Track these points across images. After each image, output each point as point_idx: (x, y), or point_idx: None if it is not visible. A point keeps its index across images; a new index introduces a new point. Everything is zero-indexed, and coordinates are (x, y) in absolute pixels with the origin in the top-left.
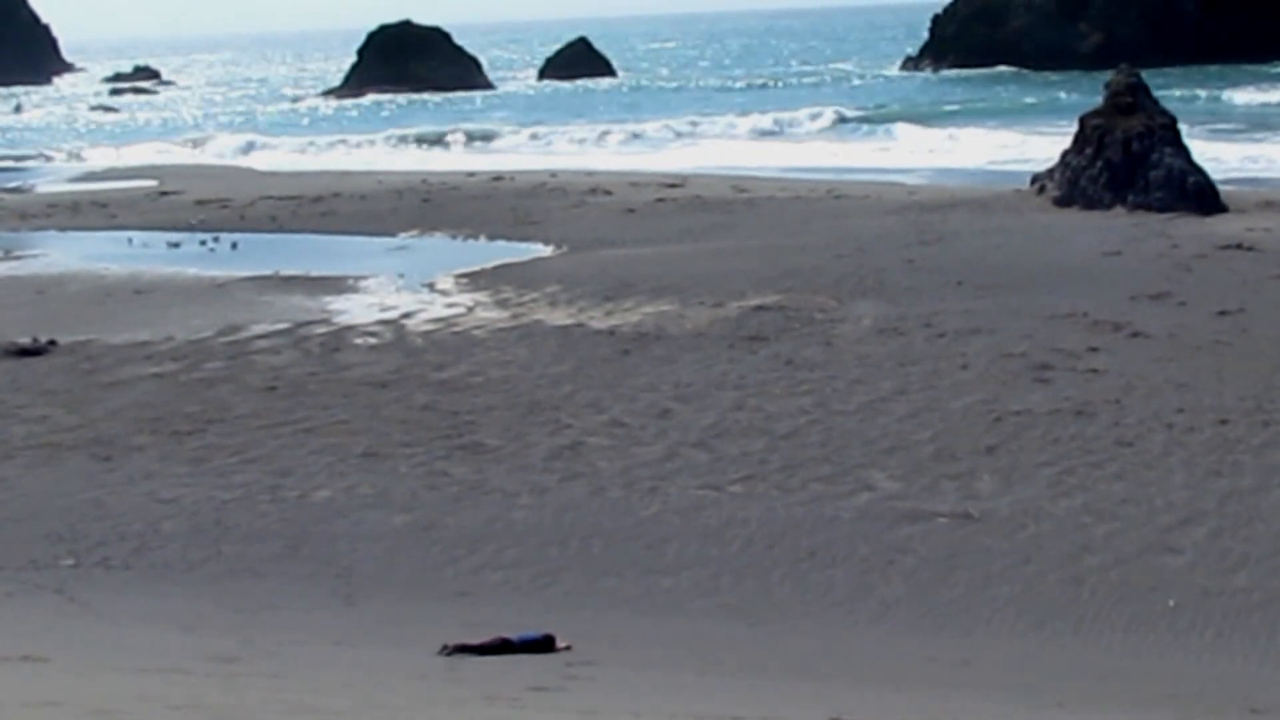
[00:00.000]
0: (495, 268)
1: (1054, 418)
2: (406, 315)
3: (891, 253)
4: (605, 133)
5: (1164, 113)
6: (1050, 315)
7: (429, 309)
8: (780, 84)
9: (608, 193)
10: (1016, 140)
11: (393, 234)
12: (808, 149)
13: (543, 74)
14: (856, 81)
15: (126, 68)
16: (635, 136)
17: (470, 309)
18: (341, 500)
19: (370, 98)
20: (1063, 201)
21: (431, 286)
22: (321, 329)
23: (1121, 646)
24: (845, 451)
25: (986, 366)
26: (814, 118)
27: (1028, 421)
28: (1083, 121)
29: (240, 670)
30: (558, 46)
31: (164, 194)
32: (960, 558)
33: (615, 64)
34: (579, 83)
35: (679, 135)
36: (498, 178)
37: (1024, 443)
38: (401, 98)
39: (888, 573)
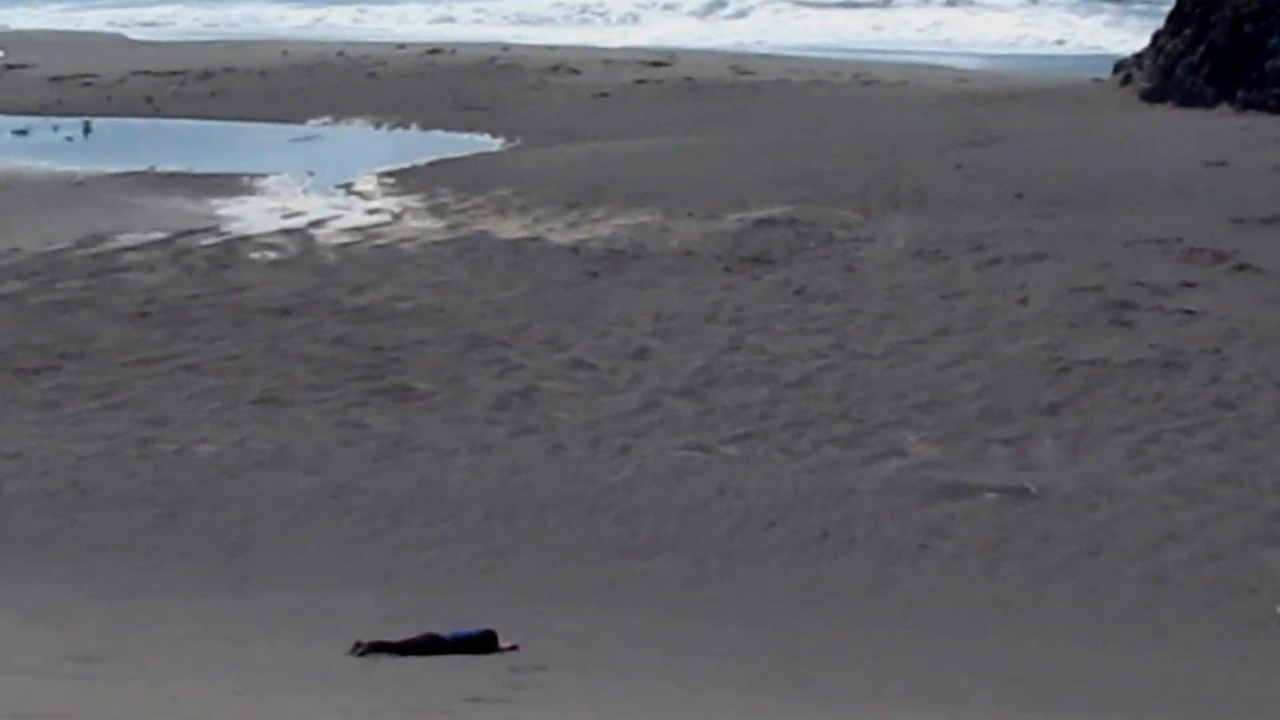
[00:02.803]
0: (430, 165)
1: (1135, 370)
2: (316, 224)
3: (933, 156)
4: None
5: None
6: (1133, 240)
7: (344, 216)
8: None
9: (574, 71)
10: (1093, 19)
11: (300, 121)
12: (830, 20)
13: None
14: None
15: None
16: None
17: (397, 217)
18: (231, 457)
19: None
20: (1153, 96)
21: (348, 188)
22: (208, 240)
23: (1215, 663)
24: (869, 406)
25: (1051, 303)
26: None
27: (1102, 374)
28: None
29: (103, 672)
30: None
31: (9, 68)
32: (1012, 545)
33: None
34: None
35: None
36: (434, 50)
37: (1096, 401)
38: None
39: (919, 562)
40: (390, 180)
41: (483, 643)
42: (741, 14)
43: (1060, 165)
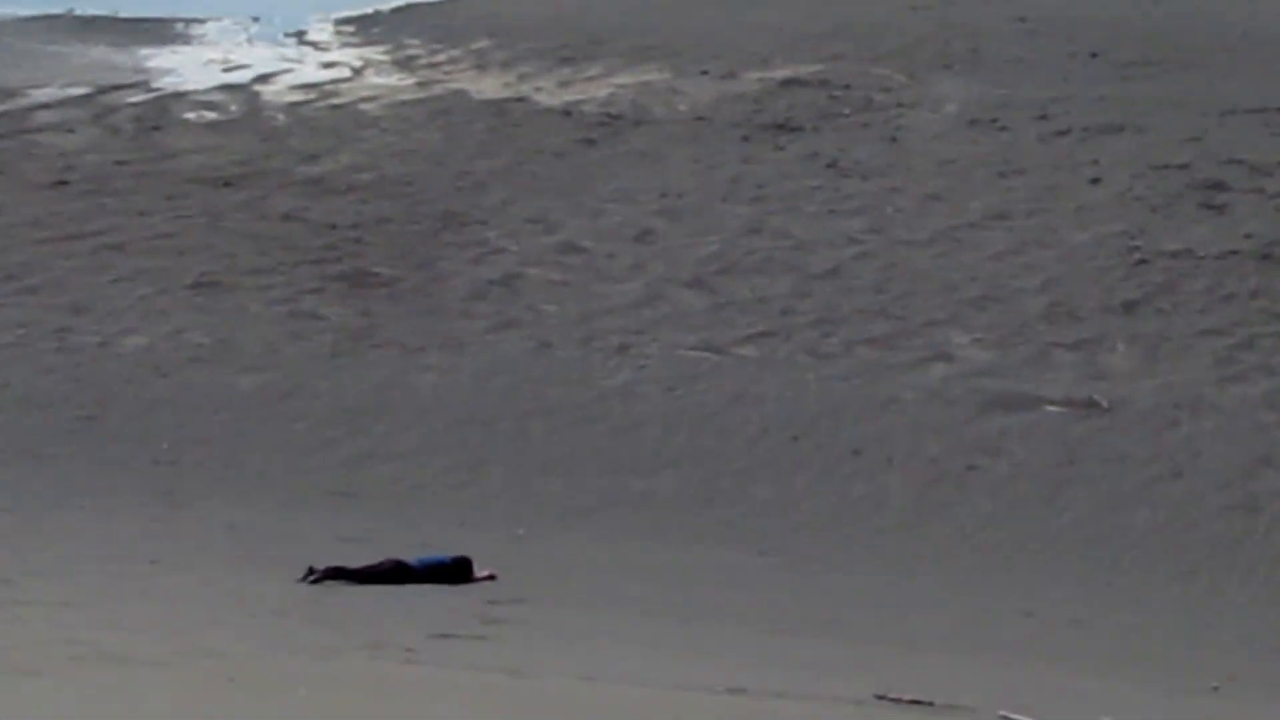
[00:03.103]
0: (396, 11)
1: (1226, 263)
2: (262, 79)
3: (992, 5)
4: None
5: None
6: (1229, 109)
7: (296, 70)
8: None
9: None
10: None
11: None
12: None
13: None
14: None
15: None
16: None
17: (357, 72)
18: (163, 352)
19: None
20: None
21: (300, 37)
22: (136, 97)
23: None
24: (911, 301)
25: (1128, 183)
26: None
27: (1188, 268)
28: None
29: (15, 598)
30: None
31: None
32: (1078, 467)
33: None
34: None
35: None
36: None
37: (1180, 299)
38: None
39: (968, 485)
40: (349, 28)
41: (455, 572)
42: None
43: (1143, 19)
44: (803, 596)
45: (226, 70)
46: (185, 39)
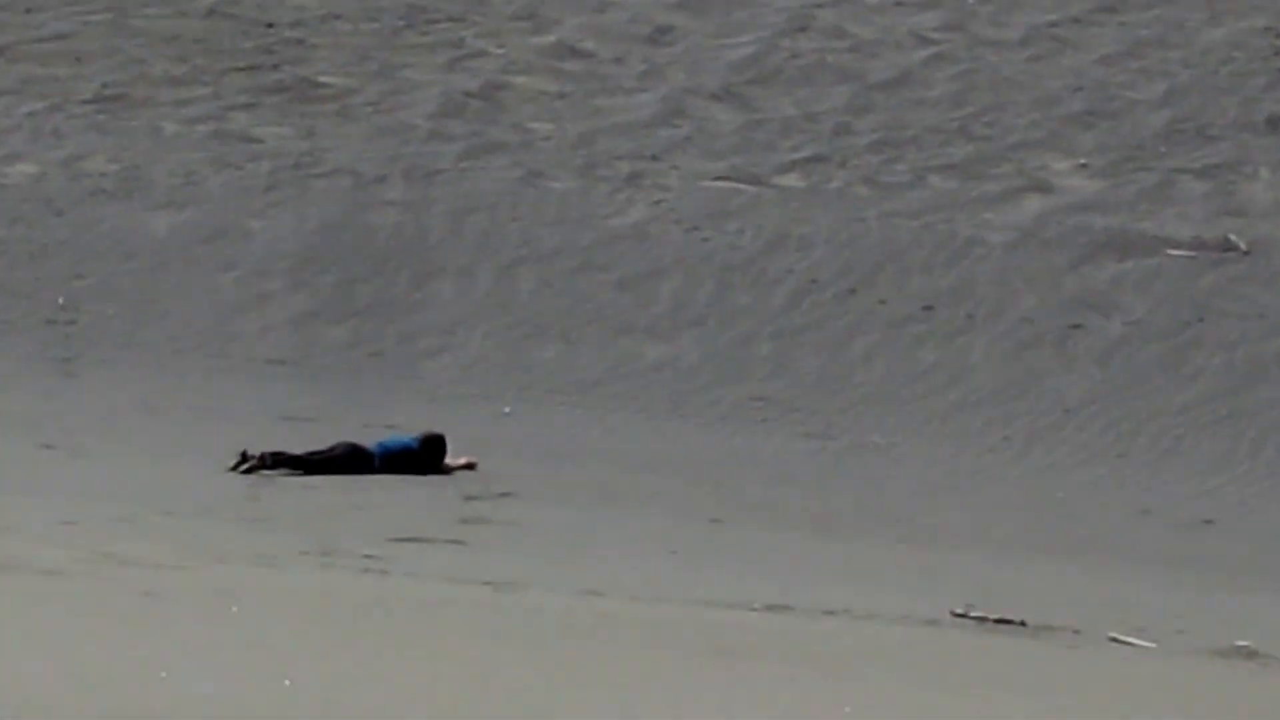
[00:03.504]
0: None
1: None
2: None
3: None
4: None
5: None
6: None
7: None
8: None
9: None
10: None
11: None
12: None
13: None
14: None
15: None
16: None
17: None
18: (58, 183)
19: None
20: None
21: None
22: None
23: None
24: (999, 118)
25: None
26: None
27: None
28: None
29: None
30: None
31: None
32: (1209, 324)
33: None
34: None
35: None
36: None
37: None
38: None
39: (1067, 351)
40: None
41: (424, 457)
42: None
43: None
44: (859, 490)
45: None
46: None
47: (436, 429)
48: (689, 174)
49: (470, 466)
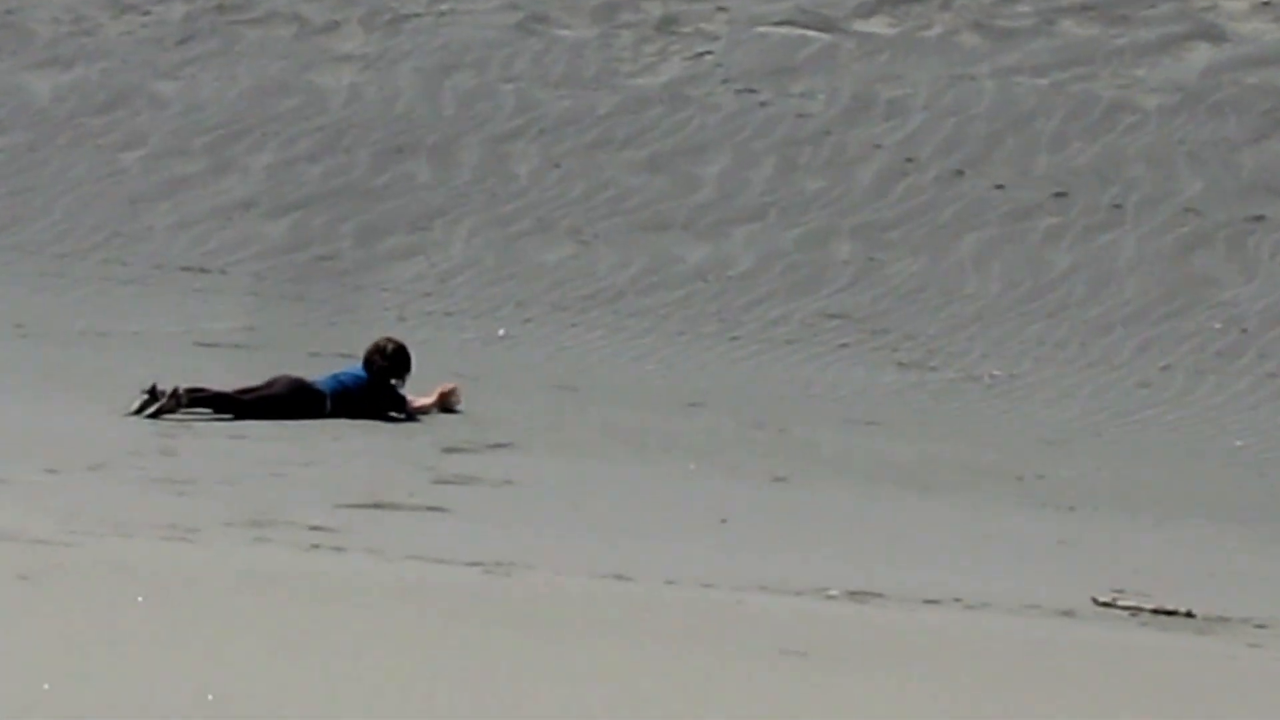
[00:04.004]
0: None
1: None
2: None
3: None
4: None
5: None
6: None
7: None
8: None
9: None
10: None
11: None
12: None
13: None
14: None
15: None
16: None
17: None
18: None
19: None
20: None
21: None
22: None
23: None
24: None
25: None
26: None
27: None
28: None
29: None
30: None
31: None
32: None
33: None
34: None
35: None
36: None
37: None
38: None
39: (1244, 251)
40: None
41: (381, 395)
42: None
43: None
44: (968, 437)
45: None
46: None
47: (404, 363)
48: (741, 17)
49: (447, 399)
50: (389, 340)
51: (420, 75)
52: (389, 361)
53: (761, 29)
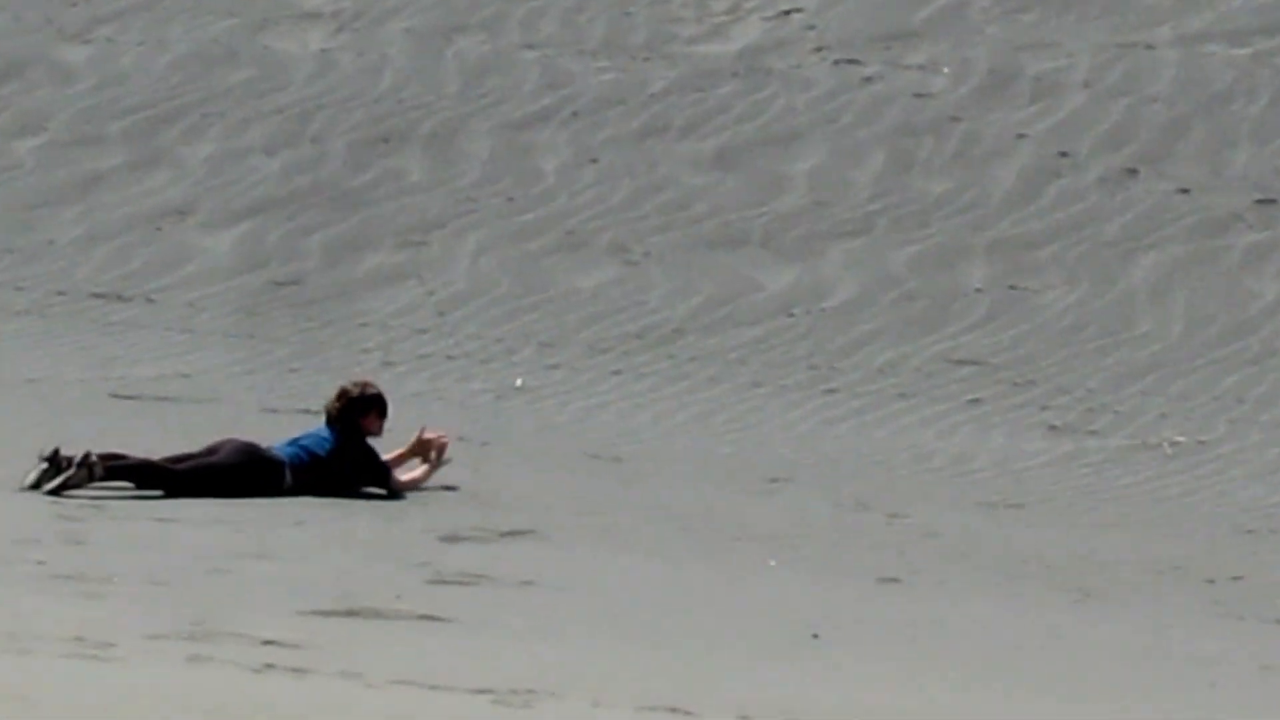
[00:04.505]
0: None
1: None
2: None
3: None
4: None
5: None
6: None
7: None
8: None
9: None
10: None
11: None
12: None
13: None
14: None
15: None
16: None
17: None
18: None
19: None
20: None
21: None
22: None
23: None
24: None
25: None
26: None
27: None
28: None
29: None
30: None
31: None
32: None
33: None
34: None
35: None
36: None
37: None
38: None
39: None
40: None
41: (355, 462)
42: None
43: None
44: (1152, 526)
45: None
46: None
47: (369, 385)
48: None
49: (427, 447)
50: (355, 383)
51: (413, 39)
52: (354, 407)
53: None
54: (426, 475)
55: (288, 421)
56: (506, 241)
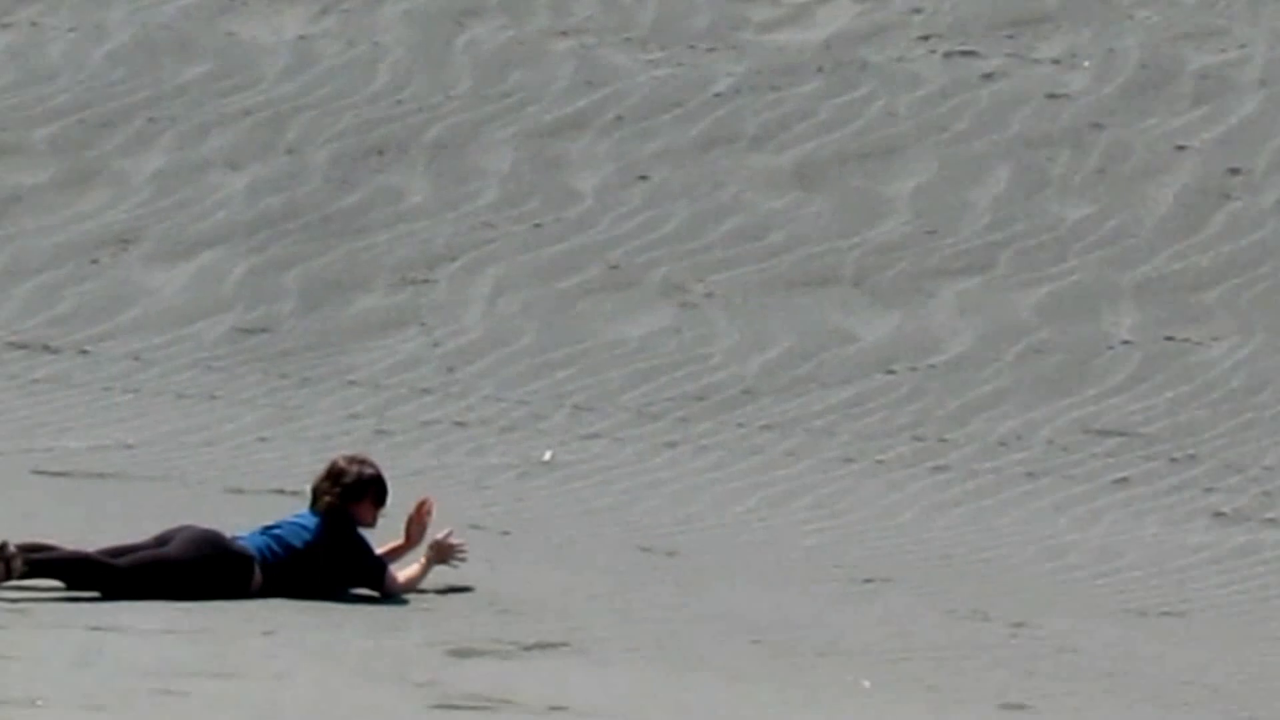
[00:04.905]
0: None
1: None
2: None
3: None
4: None
5: None
6: None
7: None
8: None
9: None
10: None
11: None
12: None
13: None
14: None
15: None
16: None
17: None
18: None
19: None
20: None
21: None
22: None
23: None
24: None
25: None
26: None
27: None
28: None
29: None
30: None
31: None
32: None
33: None
34: None
35: None
36: None
37: None
38: None
39: None
40: None
41: (343, 557)
42: None
43: None
44: None
45: None
46: None
47: (367, 464)
48: None
49: (423, 533)
50: (351, 460)
51: (415, 25)
52: (349, 492)
53: None
54: (425, 572)
55: (257, 504)
56: (532, 279)
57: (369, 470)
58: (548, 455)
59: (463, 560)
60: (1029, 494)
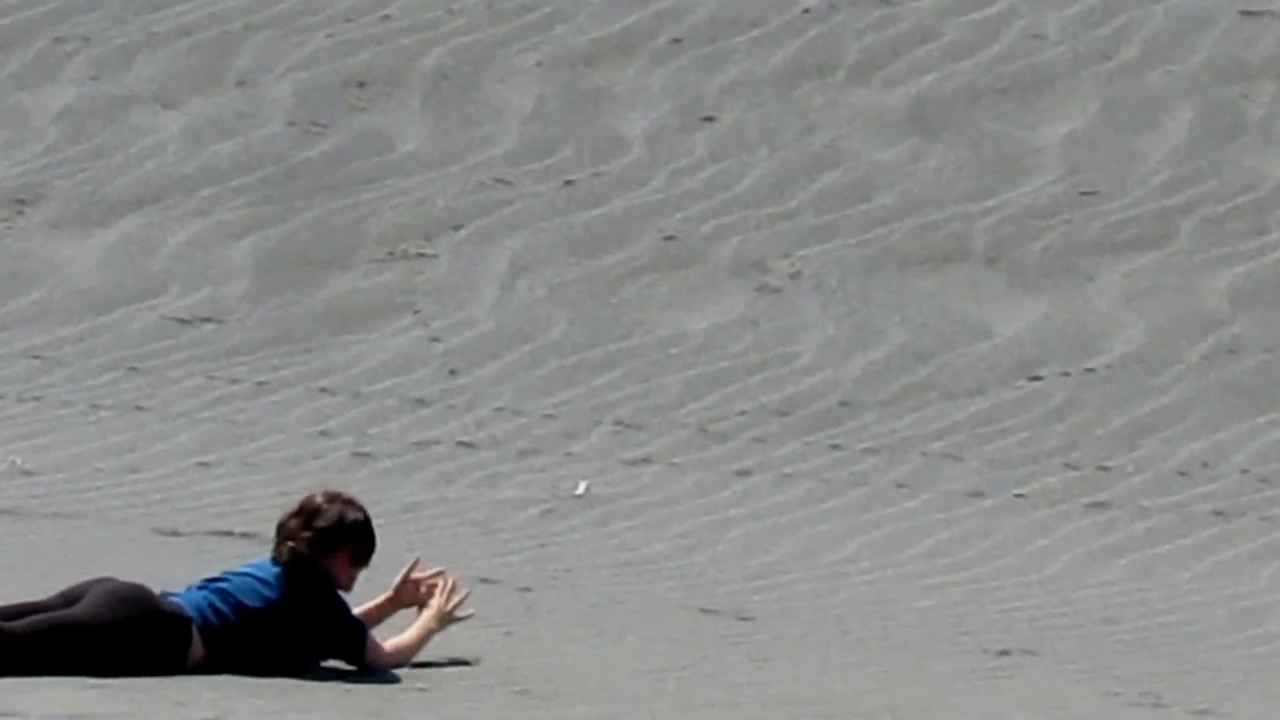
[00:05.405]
0: None
1: None
2: None
3: None
4: None
5: None
6: None
7: None
8: None
9: None
10: None
11: None
12: None
13: None
14: None
15: None
16: None
17: None
18: None
19: None
20: None
21: None
22: None
23: None
24: None
25: None
26: None
27: None
28: None
29: None
30: None
31: None
32: None
33: None
34: None
35: None
36: None
37: None
38: None
39: None
40: None
41: (313, 619)
42: None
43: None
44: None
45: None
46: None
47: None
48: None
49: (417, 595)
50: (333, 498)
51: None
52: (323, 539)
53: None
54: (423, 638)
55: (196, 549)
56: (562, 253)
57: (353, 515)
58: (581, 487)
59: (467, 617)
60: (1218, 539)
